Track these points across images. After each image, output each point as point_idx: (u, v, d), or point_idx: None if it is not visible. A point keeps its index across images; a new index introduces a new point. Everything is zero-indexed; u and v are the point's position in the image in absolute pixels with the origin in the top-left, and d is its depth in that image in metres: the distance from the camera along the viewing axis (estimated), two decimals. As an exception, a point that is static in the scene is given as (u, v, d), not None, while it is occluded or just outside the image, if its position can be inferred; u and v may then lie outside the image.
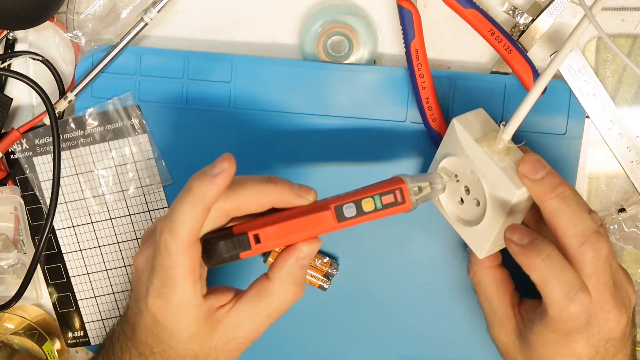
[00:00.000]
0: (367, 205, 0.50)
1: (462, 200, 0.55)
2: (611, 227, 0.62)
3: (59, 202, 0.62)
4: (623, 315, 0.50)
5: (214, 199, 0.46)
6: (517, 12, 0.60)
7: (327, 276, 0.62)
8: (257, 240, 0.48)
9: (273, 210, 0.50)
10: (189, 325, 0.49)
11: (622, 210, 0.62)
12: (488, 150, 0.51)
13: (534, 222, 0.55)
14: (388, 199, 0.50)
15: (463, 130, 0.53)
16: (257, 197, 0.49)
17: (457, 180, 0.54)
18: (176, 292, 0.48)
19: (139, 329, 0.51)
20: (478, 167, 0.52)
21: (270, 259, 0.62)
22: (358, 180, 0.58)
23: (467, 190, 0.54)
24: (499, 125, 0.51)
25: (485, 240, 0.53)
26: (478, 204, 0.53)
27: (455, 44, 0.62)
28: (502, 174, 0.50)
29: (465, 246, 0.61)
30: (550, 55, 0.61)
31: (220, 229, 0.49)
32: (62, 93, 0.63)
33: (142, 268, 0.51)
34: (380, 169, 0.52)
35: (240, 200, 0.48)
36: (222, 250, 0.48)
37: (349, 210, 0.50)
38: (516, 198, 0.50)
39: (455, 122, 0.53)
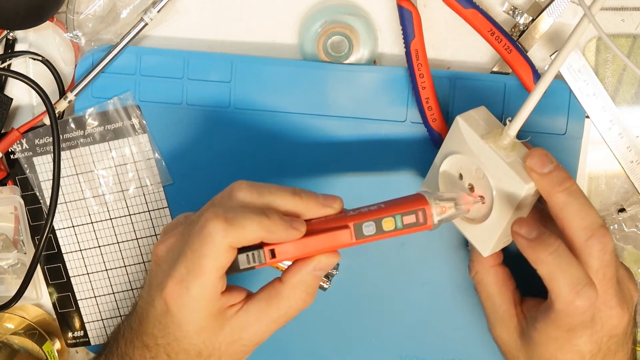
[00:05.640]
0: (388, 224, 0.49)
1: None
2: (611, 227, 0.62)
3: (59, 202, 0.62)
4: (625, 312, 0.51)
5: (276, 237, 0.48)
6: (517, 12, 0.60)
7: (327, 276, 0.62)
8: (273, 255, 0.49)
9: None
10: (200, 319, 0.49)
11: (622, 210, 0.62)
12: (494, 146, 0.51)
13: (537, 221, 0.54)
14: (409, 219, 0.49)
15: (468, 127, 0.52)
16: (283, 206, 0.49)
17: (483, 203, 0.54)
18: (200, 282, 0.48)
19: (146, 319, 0.51)
20: (484, 163, 0.52)
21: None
22: (358, 179, 0.58)
23: (472, 188, 0.54)
24: (506, 122, 0.51)
25: (491, 238, 0.53)
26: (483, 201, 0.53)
27: (455, 44, 0.62)
28: (510, 169, 0.50)
29: (465, 245, 0.61)
30: (551, 55, 0.61)
31: None
32: (62, 93, 0.63)
33: (163, 256, 0.51)
34: (380, 169, 0.52)
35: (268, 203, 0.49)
36: (237, 264, 0.49)
37: (369, 228, 0.49)
38: (524, 193, 0.50)
39: (459, 119, 0.53)
